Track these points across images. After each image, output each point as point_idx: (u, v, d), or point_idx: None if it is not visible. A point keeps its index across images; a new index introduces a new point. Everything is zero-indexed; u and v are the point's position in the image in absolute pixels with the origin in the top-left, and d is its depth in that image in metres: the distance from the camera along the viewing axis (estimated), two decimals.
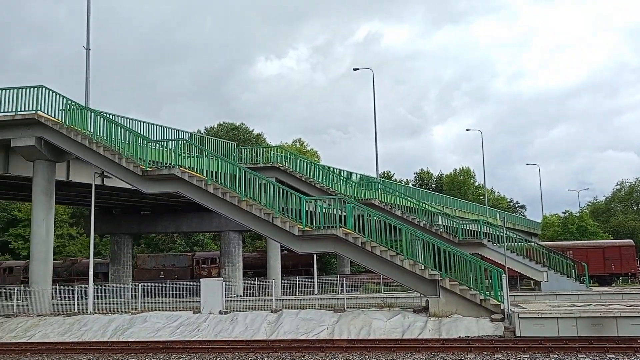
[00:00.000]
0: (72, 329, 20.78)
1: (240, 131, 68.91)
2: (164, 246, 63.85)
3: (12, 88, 22.81)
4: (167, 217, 40.54)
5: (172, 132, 30.24)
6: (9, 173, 24.99)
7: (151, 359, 15.25)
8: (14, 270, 50.75)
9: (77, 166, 26.80)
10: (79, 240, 66.83)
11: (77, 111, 22.76)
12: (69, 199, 36.29)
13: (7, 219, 67.28)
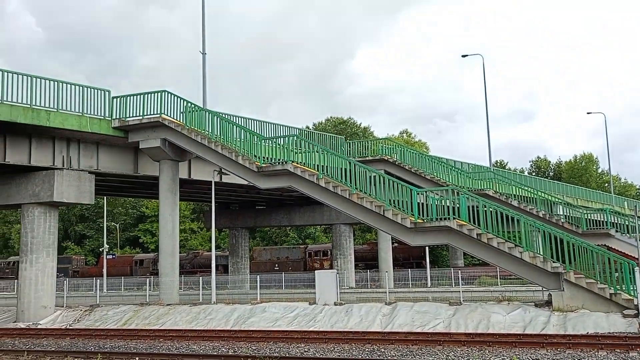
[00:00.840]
0: (198, 318, 22.16)
1: (348, 125, 69.46)
2: (278, 239, 66.07)
3: (139, 94, 24.68)
4: (281, 211, 41.90)
5: (283, 128, 31.21)
6: (138, 173, 27.05)
7: (271, 347, 15.87)
8: (144, 263, 54.97)
9: (197, 165, 28.45)
10: (200, 234, 70.96)
11: (196, 113, 24.14)
12: (190, 196, 38.63)
13: (136, 216, 73.00)
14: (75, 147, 24.75)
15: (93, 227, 71.28)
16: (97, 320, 23.64)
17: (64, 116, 22.80)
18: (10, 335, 20.64)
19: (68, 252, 66.93)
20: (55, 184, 23.69)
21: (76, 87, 23.41)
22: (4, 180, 24.74)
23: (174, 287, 25.04)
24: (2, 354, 15.88)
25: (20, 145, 23.17)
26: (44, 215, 24.39)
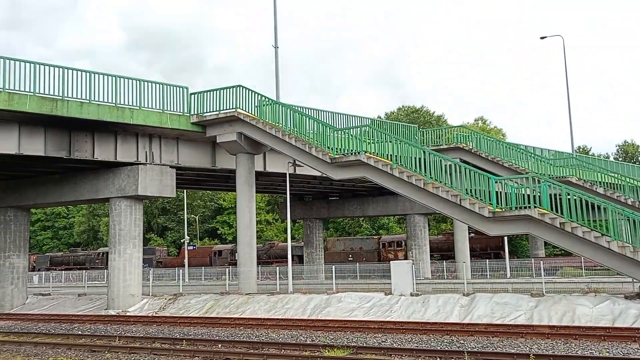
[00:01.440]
0: (276, 307, 22.65)
1: (421, 114, 68.42)
2: (351, 230, 66.23)
3: (215, 90, 25.39)
4: (354, 202, 41.94)
5: (355, 119, 31.17)
6: (216, 166, 27.90)
7: (349, 337, 15.97)
8: (223, 253, 56.69)
9: (272, 157, 28.98)
10: (275, 225, 72.32)
11: (269, 106, 24.55)
12: (266, 188, 39.41)
13: (214, 208, 75.36)
14: (157, 142, 25.85)
15: (174, 220, 74.25)
16: (181, 308, 24.67)
17: (146, 113, 23.84)
18: (103, 322, 21.94)
19: (151, 243, 70.15)
20: (140, 178, 24.85)
21: (156, 85, 24.40)
22: (93, 176, 26.23)
23: (252, 277, 25.69)
24: (96, 339, 16.91)
25: (107, 143, 24.46)
26: (129, 209, 25.68)
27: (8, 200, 29.08)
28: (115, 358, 13.59)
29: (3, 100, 20.13)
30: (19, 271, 29.40)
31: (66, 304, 28.89)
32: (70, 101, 21.71)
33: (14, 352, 14.98)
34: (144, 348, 14.61)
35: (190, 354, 13.65)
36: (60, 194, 27.39)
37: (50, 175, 27.71)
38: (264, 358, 12.80)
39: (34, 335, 18.28)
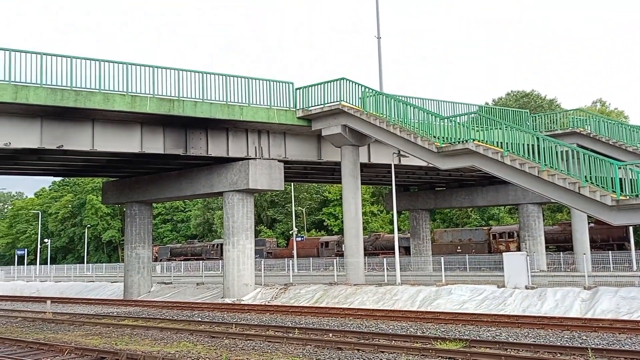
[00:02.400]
0: (384, 298, 22.64)
1: (532, 98, 65.06)
2: (459, 221, 64.59)
3: (319, 84, 25.76)
4: (461, 192, 40.84)
5: (461, 106, 30.30)
6: (322, 159, 28.33)
7: (460, 329, 15.61)
8: (329, 245, 57.51)
9: (377, 148, 28.92)
10: (380, 217, 72.23)
11: (373, 97, 24.49)
12: (370, 180, 39.42)
13: (320, 200, 76.64)
14: (265, 137, 26.71)
15: (282, 212, 76.43)
16: (291, 298, 25.39)
17: (255, 110, 24.70)
18: (220, 310, 23.11)
19: (261, 235, 72.72)
20: (250, 172, 25.84)
21: (263, 82, 25.19)
22: (208, 171, 27.65)
23: (360, 268, 25.85)
24: (215, 326, 17.85)
25: (219, 139, 25.65)
26: (241, 202, 26.79)
27: (133, 196, 31.44)
28: (232, 344, 14.26)
29: (127, 103, 21.74)
30: (144, 261, 31.72)
31: (186, 292, 30.76)
32: (186, 101, 23.00)
33: (142, 336, 16.19)
34: (259, 335, 15.20)
35: (302, 342, 14.01)
36: (178, 189, 29.16)
37: (168, 172, 29.57)
38: (375, 349, 12.84)
39: (159, 321, 19.65)
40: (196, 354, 12.92)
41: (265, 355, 12.68)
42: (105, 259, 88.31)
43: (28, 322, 20.71)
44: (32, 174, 35.56)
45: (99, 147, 22.77)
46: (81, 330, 18.01)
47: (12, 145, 21.15)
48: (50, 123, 21.85)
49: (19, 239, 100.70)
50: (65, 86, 20.62)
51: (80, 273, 57.50)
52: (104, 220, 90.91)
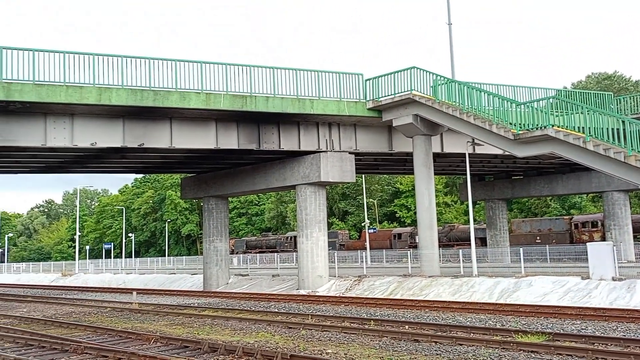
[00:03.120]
0: (460, 290, 22.21)
1: (615, 80, 61.59)
2: (538, 210, 62.27)
3: (389, 74, 25.50)
4: (540, 180, 39.31)
5: (538, 91, 29.11)
6: (393, 150, 28.08)
7: (542, 322, 15.07)
8: (402, 236, 57.05)
9: (449, 137, 28.32)
10: (454, 207, 70.83)
11: (445, 85, 23.97)
12: (443, 170, 38.69)
13: (391, 192, 76.10)
14: (336, 130, 26.78)
15: (354, 204, 76.52)
16: (366, 289, 25.39)
17: (325, 103, 24.80)
18: (295, 301, 23.47)
19: (334, 227, 73.15)
20: (322, 165, 26.00)
21: (333, 74, 25.23)
22: (280, 165, 28.08)
23: (434, 259, 25.47)
24: (291, 317, 18.16)
25: (291, 133, 25.96)
26: (314, 194, 27.03)
27: (210, 191, 32.45)
28: (309, 335, 14.44)
29: (202, 101, 22.42)
30: (222, 254, 32.70)
31: (262, 283, 31.46)
32: (258, 96, 23.43)
33: (222, 327, 16.72)
34: (335, 327, 15.32)
35: (378, 334, 13.98)
36: (252, 183, 29.81)
37: (243, 167, 30.28)
38: (453, 341, 12.63)
39: (238, 312, 20.22)
40: (274, 344, 13.19)
41: (342, 346, 12.76)
42: (185, 251, 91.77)
43: (116, 312, 21.87)
44: (116, 172, 37.49)
45: (177, 145, 23.63)
46: (165, 320, 18.82)
47: (97, 144, 22.34)
48: (132, 122, 22.89)
49: (105, 234, 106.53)
50: (144, 86, 21.53)
51: (162, 265, 60.09)
52: (183, 214, 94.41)
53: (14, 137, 21.17)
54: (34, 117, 21.41)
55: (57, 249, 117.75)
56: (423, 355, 11.51)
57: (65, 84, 20.37)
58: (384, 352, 11.85)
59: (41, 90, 20.05)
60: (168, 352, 12.26)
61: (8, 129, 21.05)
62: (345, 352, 11.93)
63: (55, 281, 52.96)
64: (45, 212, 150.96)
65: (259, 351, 11.54)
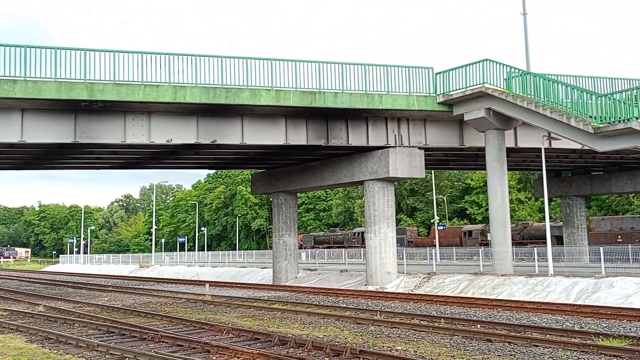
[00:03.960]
0: (535, 289, 21.44)
1: None
2: (619, 208, 59.11)
3: (460, 67, 24.89)
4: (622, 176, 37.24)
5: (621, 82, 27.58)
6: (464, 145, 27.44)
7: (625, 326, 14.29)
8: (473, 234, 55.70)
9: (524, 132, 27.36)
10: (528, 204, 68.43)
11: (519, 77, 23.15)
12: (517, 165, 37.48)
13: (462, 188, 74.48)
14: (405, 125, 26.47)
15: (422, 200, 75.49)
16: (435, 287, 25.00)
17: (394, 97, 24.56)
18: (363, 297, 23.44)
19: (402, 224, 72.46)
20: (390, 161, 25.78)
21: (402, 68, 24.93)
22: (348, 161, 28.08)
23: (507, 257, 24.72)
24: (359, 312, 18.15)
25: (359, 129, 25.88)
26: (382, 190, 26.86)
27: (279, 186, 32.94)
28: (378, 331, 14.38)
29: (272, 97, 22.76)
30: (290, 248, 33.13)
31: (330, 278, 31.62)
32: (326, 92, 23.52)
33: (292, 320, 16.94)
34: (404, 323, 15.17)
35: (449, 332, 13.72)
36: (321, 178, 29.99)
37: (311, 162, 30.51)
38: (528, 342, 12.19)
39: (306, 306, 20.42)
40: (343, 339, 13.22)
41: (412, 343, 12.62)
42: (255, 246, 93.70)
43: (190, 303, 22.63)
44: (189, 168, 38.74)
45: (248, 141, 24.12)
46: (236, 312, 19.29)
47: (172, 141, 23.17)
48: (205, 119, 23.57)
49: (179, 227, 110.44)
50: (216, 84, 22.11)
51: (233, 259, 61.61)
52: (253, 209, 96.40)
53: (96, 134, 22.30)
54: (114, 116, 22.46)
55: (135, 241, 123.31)
56: (496, 355, 11.19)
57: (142, 83, 21.24)
58: (455, 351, 11.62)
59: (121, 90, 21.01)
60: (240, 343, 12.55)
61: (91, 127, 22.20)
62: (415, 350, 11.79)
63: (133, 272, 55.51)
64: (124, 206, 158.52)
65: (328, 345, 11.60)
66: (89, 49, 20.80)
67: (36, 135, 21.71)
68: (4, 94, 19.85)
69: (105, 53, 21.00)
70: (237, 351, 11.23)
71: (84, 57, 20.70)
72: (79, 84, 20.57)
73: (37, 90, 20.16)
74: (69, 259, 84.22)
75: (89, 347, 12.46)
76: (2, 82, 19.84)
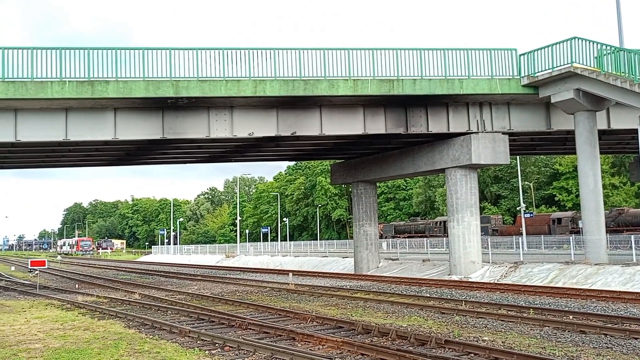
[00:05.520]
0: (633, 279, 20.23)
1: None
2: None
3: (546, 47, 23.73)
4: None
5: None
6: (551, 128, 26.21)
7: None
8: (562, 221, 53.20)
9: (617, 112, 25.77)
10: (623, 190, 64.46)
11: (612, 55, 21.77)
12: (610, 148, 35.42)
13: (549, 173, 71.31)
14: (487, 110, 25.64)
15: (507, 187, 72.99)
16: (523, 276, 24.15)
17: (475, 82, 23.83)
18: (447, 286, 23.04)
19: (485, 212, 70.44)
20: (472, 147, 25.09)
21: (483, 51, 24.12)
22: (429, 149, 27.60)
23: (601, 246, 23.45)
24: (444, 302, 17.85)
25: (439, 115, 25.35)
26: (464, 178, 26.21)
27: (358, 176, 32.94)
28: (463, 321, 14.09)
29: (350, 87, 22.74)
30: (371, 238, 33.10)
31: (412, 268, 31.31)
32: (404, 80, 23.19)
33: (375, 309, 16.95)
34: (490, 314, 14.77)
35: (539, 323, 13.22)
36: (400, 167, 29.70)
37: (390, 151, 30.26)
38: (627, 334, 11.52)
39: (389, 295, 20.35)
40: (427, 328, 13.07)
41: (499, 334, 12.28)
42: (335, 235, 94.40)
43: (275, 292, 23.17)
44: (270, 160, 39.57)
45: (327, 131, 24.27)
46: (319, 301, 19.55)
47: (254, 134, 23.73)
48: (284, 112, 23.94)
49: (262, 218, 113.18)
50: (295, 77, 22.37)
51: (314, 249, 62.42)
52: (333, 200, 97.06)
53: (182, 130, 23.25)
54: (198, 111, 23.30)
55: (221, 232, 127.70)
56: (591, 347, 10.67)
57: (224, 78, 21.87)
58: (545, 342, 11.19)
59: (204, 86, 21.74)
60: (324, 332, 12.72)
61: (177, 123, 23.16)
62: (503, 341, 11.46)
63: (219, 262, 57.59)
64: (209, 198, 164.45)
65: (413, 335, 11.51)
66: (174, 47, 21.71)
67: (128, 133, 22.92)
68: (98, 95, 21.09)
69: (189, 51, 21.80)
70: (322, 339, 11.39)
71: (169, 56, 21.60)
72: (165, 82, 21.49)
73: (128, 90, 21.26)
74: (160, 249, 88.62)
75: (182, 333, 13.06)
76: (96, 83, 21.08)
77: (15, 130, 21.92)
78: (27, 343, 12.52)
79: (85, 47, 21.27)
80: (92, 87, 21.02)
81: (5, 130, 21.85)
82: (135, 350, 11.38)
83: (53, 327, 14.66)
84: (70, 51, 21.03)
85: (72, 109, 22.34)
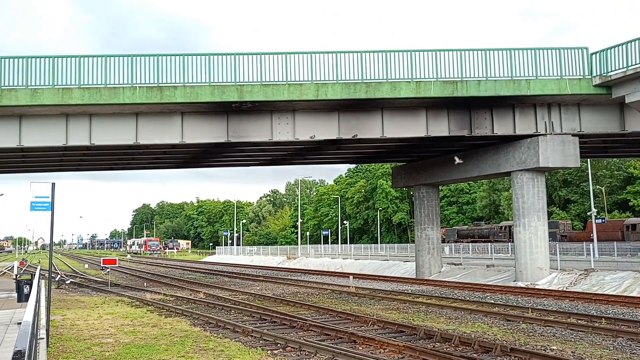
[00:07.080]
0: None
1: None
2: None
3: (620, 44, 22.62)
4: None
5: None
6: (625, 130, 24.96)
7: None
8: (637, 227, 50.56)
9: None
10: None
11: None
12: None
13: (623, 177, 67.98)
14: (556, 111, 24.74)
15: (577, 192, 70.09)
16: (593, 284, 23.15)
17: (543, 82, 23.06)
18: (513, 293, 22.38)
19: (554, 217, 67.86)
20: (540, 149, 24.28)
21: (552, 51, 23.31)
22: (493, 151, 26.91)
23: None
24: (509, 309, 17.35)
25: (505, 117, 24.67)
26: (531, 181, 25.39)
27: (420, 179, 32.53)
28: (530, 329, 13.65)
29: (412, 89, 22.51)
30: (433, 242, 32.59)
31: (476, 273, 30.60)
32: (469, 81, 22.73)
33: (437, 314, 16.68)
34: (559, 322, 14.24)
35: (612, 334, 12.63)
36: (464, 170, 29.10)
37: (453, 154, 29.69)
38: None
39: (452, 300, 19.97)
40: (492, 335, 12.75)
41: (568, 343, 11.81)
42: (396, 239, 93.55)
43: (336, 294, 23.23)
44: (331, 162, 39.69)
45: (388, 134, 24.11)
46: (380, 304, 19.43)
47: (315, 137, 23.88)
48: (345, 115, 23.98)
49: (323, 221, 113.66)
50: (356, 79, 22.37)
51: (375, 252, 62.08)
52: (394, 203, 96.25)
53: (246, 133, 23.71)
54: (261, 115, 23.70)
55: (282, 234, 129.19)
56: None
57: (287, 82, 22.15)
58: (619, 354, 10.68)
59: (267, 90, 22.10)
60: (385, 335, 12.64)
61: (241, 126, 23.64)
62: (573, 351, 11.02)
63: (281, 263, 58.27)
64: (271, 201, 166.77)
65: (477, 341, 11.26)
66: (238, 52, 22.18)
67: (194, 136, 23.60)
68: (167, 99, 21.84)
69: (252, 56, 22.23)
70: (384, 343, 11.32)
71: (234, 61, 22.09)
72: (229, 86, 22.00)
73: (194, 94, 21.91)
74: (224, 250, 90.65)
75: (245, 332, 13.32)
76: (165, 88, 21.85)
77: (89, 135, 23.02)
78: (100, 337, 13.12)
79: (154, 54, 22.09)
80: (160, 92, 21.79)
81: (82, 135, 22.99)
82: (200, 347, 11.70)
83: (123, 323, 15.29)
84: (140, 58, 21.89)
85: (142, 114, 23.23)
